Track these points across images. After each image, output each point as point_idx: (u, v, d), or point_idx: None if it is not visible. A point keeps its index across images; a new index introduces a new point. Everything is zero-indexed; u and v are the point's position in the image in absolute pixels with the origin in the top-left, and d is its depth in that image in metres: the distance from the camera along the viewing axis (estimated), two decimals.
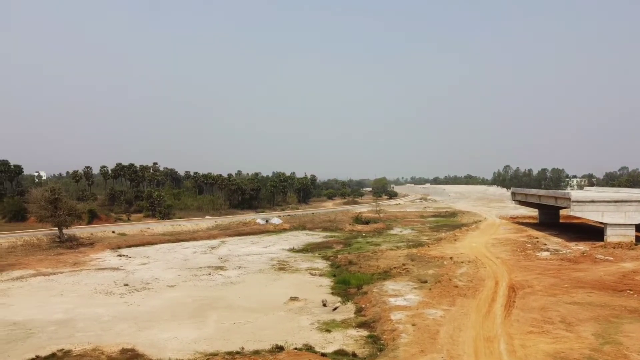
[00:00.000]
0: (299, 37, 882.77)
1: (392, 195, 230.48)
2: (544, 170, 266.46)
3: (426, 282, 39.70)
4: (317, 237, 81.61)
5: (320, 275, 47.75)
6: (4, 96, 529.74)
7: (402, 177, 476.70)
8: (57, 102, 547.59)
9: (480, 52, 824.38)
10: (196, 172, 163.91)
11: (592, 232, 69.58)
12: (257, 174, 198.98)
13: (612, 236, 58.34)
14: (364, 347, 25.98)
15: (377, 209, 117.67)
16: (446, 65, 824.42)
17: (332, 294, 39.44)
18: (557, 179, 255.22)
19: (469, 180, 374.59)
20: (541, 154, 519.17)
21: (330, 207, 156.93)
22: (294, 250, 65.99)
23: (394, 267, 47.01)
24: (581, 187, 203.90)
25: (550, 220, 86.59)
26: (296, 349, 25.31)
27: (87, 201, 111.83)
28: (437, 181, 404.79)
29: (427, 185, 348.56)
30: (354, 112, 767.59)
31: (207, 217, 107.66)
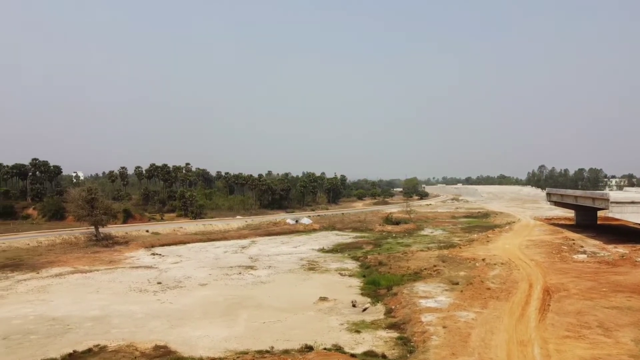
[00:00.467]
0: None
1: (423, 195, 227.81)
2: (581, 170, 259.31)
3: (458, 283, 39.10)
4: (347, 237, 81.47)
5: (349, 275, 47.66)
6: (45, 101, 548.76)
7: (434, 177, 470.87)
8: (93, 106, 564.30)
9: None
10: (227, 173, 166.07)
11: (632, 235, 67.15)
12: (287, 174, 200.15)
13: None
14: (393, 349, 25.79)
15: (408, 209, 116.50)
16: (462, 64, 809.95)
17: (362, 294, 39.29)
18: (594, 179, 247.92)
19: (502, 180, 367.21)
20: (578, 153, 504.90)
21: (360, 207, 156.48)
22: (323, 250, 66.06)
23: (425, 269, 46.48)
24: (620, 187, 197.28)
25: (587, 221, 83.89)
26: (325, 349, 25.32)
27: (122, 201, 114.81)
28: (469, 181, 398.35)
29: (459, 185, 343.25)
30: (378, 111, 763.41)
31: (238, 217, 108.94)
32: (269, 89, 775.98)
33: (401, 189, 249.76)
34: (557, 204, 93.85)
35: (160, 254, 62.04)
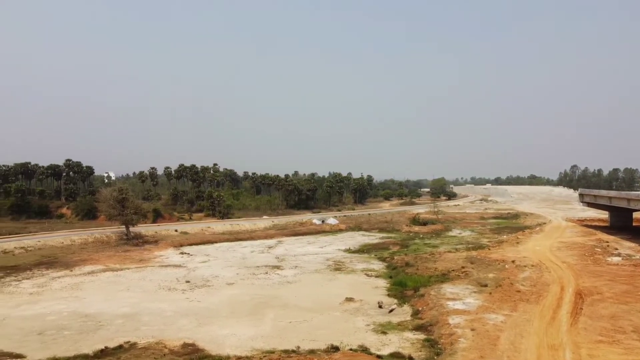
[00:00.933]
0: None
1: (451, 196, 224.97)
2: (615, 170, 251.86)
3: (486, 285, 38.46)
4: (374, 237, 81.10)
5: (376, 276, 47.43)
6: (79, 102, 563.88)
7: (462, 178, 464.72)
8: (122, 107, 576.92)
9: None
10: (254, 173, 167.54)
11: None
12: (314, 175, 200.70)
13: None
14: (420, 351, 25.54)
15: (435, 210, 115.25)
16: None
17: (388, 295, 39.07)
18: (630, 180, 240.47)
19: (533, 180, 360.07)
20: (613, 153, 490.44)
21: (386, 207, 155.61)
22: (349, 250, 65.92)
23: (453, 270, 45.88)
24: None
25: (622, 223, 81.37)
26: (351, 350, 25.27)
27: (152, 201, 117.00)
28: (498, 182, 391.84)
29: (488, 185, 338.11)
30: (410, 110, 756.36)
31: (265, 217, 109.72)
32: (292, 89, 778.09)
33: (429, 190, 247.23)
34: (590, 205, 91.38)
35: (188, 253, 62.98)
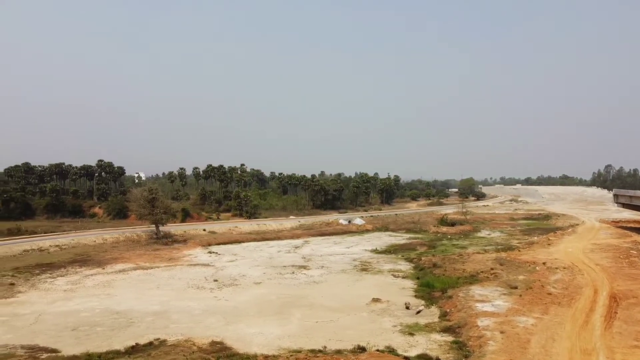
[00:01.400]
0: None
1: (480, 196, 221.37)
2: None
3: (516, 288, 37.72)
4: (400, 238, 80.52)
5: (403, 277, 47.09)
6: (114, 106, 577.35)
7: (491, 178, 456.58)
8: (153, 110, 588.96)
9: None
10: (281, 173, 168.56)
11: None
12: (340, 175, 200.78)
13: None
14: (448, 353, 25.23)
15: (464, 210, 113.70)
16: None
17: (416, 296, 38.73)
18: None
19: (565, 180, 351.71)
20: None
21: (414, 208, 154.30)
22: (376, 251, 65.61)
23: (482, 271, 45.19)
24: None
25: None
26: (378, 351, 25.16)
27: (180, 200, 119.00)
28: (528, 182, 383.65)
29: (518, 186, 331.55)
30: (456, 113, 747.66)
31: (291, 217, 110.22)
32: (318, 90, 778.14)
33: (457, 190, 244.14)
34: (626, 205, 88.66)
35: (216, 253, 63.77)
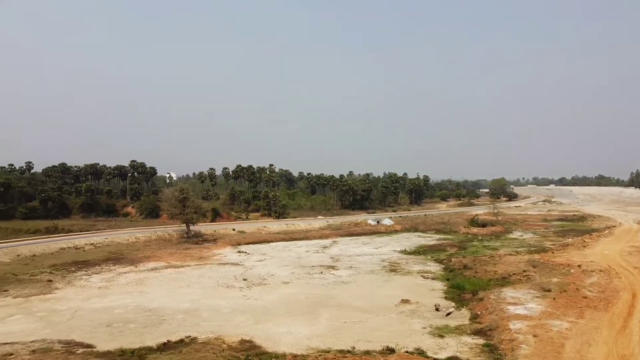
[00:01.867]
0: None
1: (512, 196, 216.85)
2: None
3: (550, 290, 36.73)
4: (430, 239, 79.61)
5: (432, 278, 46.50)
6: (144, 109, 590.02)
7: (523, 178, 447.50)
8: (185, 113, 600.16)
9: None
10: (309, 173, 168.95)
11: None
12: (368, 175, 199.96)
13: None
14: (479, 356, 24.76)
15: (495, 211, 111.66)
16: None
17: (445, 298, 38.19)
18: None
19: (601, 181, 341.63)
20: None
21: (443, 208, 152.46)
22: (405, 252, 65.01)
23: (513, 274, 44.20)
24: None
25: None
26: (407, 353, 24.87)
27: (210, 200, 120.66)
28: (562, 182, 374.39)
29: (552, 186, 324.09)
30: (503, 113, 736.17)
31: (320, 217, 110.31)
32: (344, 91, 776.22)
33: (488, 190, 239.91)
34: None
35: (245, 252, 64.36)
